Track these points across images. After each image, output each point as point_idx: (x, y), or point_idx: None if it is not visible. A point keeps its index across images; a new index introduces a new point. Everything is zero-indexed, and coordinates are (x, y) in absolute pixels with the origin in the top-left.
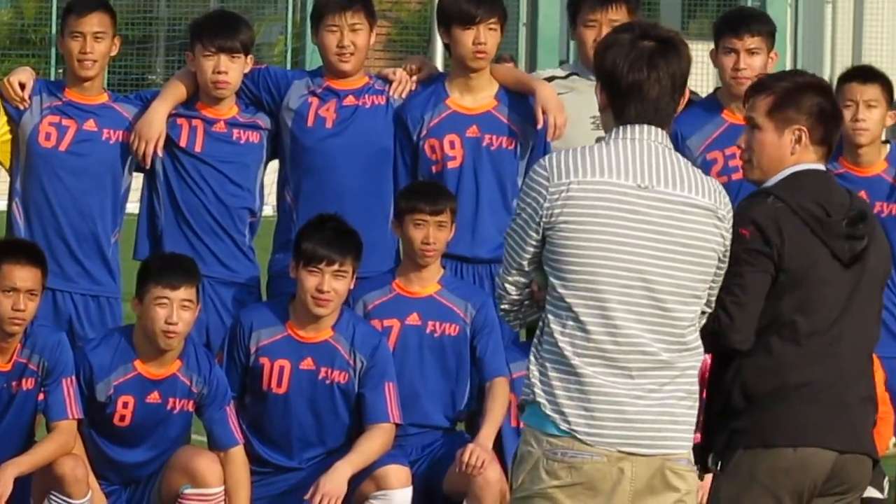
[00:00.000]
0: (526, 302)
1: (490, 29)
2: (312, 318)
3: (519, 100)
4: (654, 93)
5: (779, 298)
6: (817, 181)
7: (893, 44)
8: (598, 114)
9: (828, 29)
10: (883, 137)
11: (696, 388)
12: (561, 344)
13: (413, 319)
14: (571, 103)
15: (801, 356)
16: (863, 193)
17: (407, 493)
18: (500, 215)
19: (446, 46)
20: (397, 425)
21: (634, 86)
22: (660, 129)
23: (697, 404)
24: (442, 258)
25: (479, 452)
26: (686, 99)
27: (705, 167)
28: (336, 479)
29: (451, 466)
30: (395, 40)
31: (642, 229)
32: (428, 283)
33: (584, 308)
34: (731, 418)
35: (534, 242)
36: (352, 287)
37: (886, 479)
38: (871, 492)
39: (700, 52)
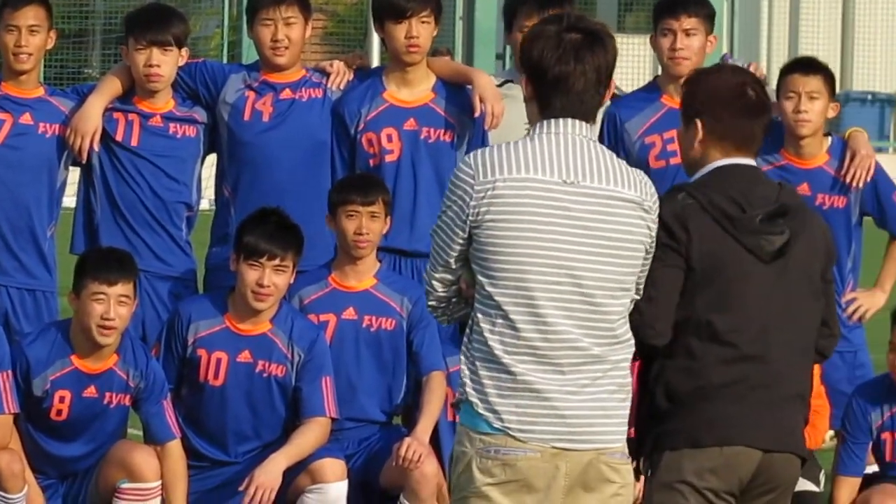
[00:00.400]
0: (454, 299)
1: (423, 22)
2: (251, 311)
3: (456, 91)
4: (579, 86)
5: (693, 297)
6: (740, 176)
7: (829, 34)
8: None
9: (764, 19)
10: (824, 130)
11: (629, 380)
12: (491, 342)
13: (349, 314)
14: (507, 111)
15: (723, 355)
16: (805, 186)
17: (342, 486)
18: (438, 209)
19: (382, 40)
20: (333, 419)
21: (560, 78)
22: (584, 123)
23: (630, 396)
24: (380, 252)
25: (415, 446)
26: (611, 92)
27: (644, 151)
28: (271, 471)
29: (387, 460)
30: (331, 33)
31: (568, 225)
32: (364, 276)
33: (513, 306)
34: (656, 421)
35: (460, 241)
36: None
37: (822, 472)
38: (806, 485)
39: (637, 45)
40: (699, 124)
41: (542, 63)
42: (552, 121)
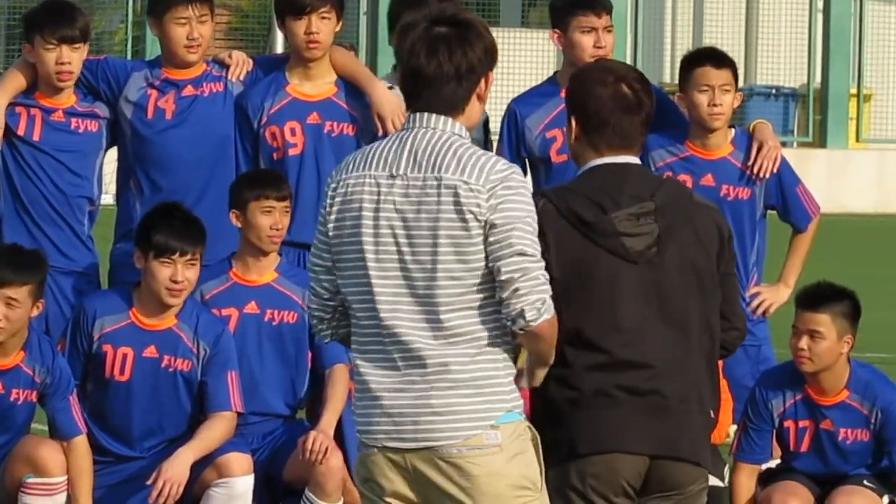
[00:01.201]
0: (340, 309)
1: (323, 18)
2: (158, 307)
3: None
4: (437, 80)
5: (564, 305)
6: (610, 176)
7: (734, 27)
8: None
9: (668, 11)
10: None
11: (480, 374)
12: (352, 342)
13: (251, 308)
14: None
15: (594, 361)
16: (709, 177)
17: (248, 480)
18: None
19: (285, 36)
20: (239, 414)
21: (417, 71)
22: (441, 116)
23: (481, 392)
24: (283, 247)
25: (321, 439)
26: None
27: (545, 145)
28: (178, 465)
29: (292, 454)
30: (235, 28)
31: (393, 218)
32: (265, 271)
33: (358, 304)
34: (541, 431)
35: (321, 244)
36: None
37: (727, 466)
38: (711, 480)
39: (541, 40)
40: (573, 123)
41: (404, 56)
42: (411, 115)
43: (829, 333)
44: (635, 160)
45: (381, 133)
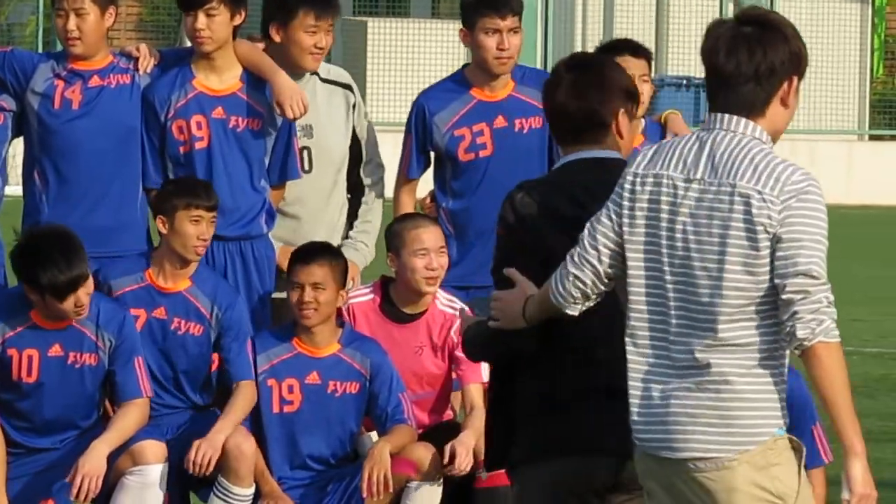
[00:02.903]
0: (597, 295)
1: (210, 14)
2: (60, 312)
3: (264, 79)
4: (734, 80)
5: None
6: (586, 170)
7: (644, 17)
8: None
9: (579, 4)
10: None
11: (756, 387)
12: (627, 341)
13: (159, 313)
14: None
15: (572, 361)
16: None
17: (162, 468)
18: (248, 195)
19: None
20: (150, 397)
21: (715, 71)
22: (741, 118)
23: (756, 406)
24: None
25: (204, 449)
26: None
27: (453, 143)
28: (94, 459)
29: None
30: (145, 21)
31: (687, 223)
32: (180, 279)
33: (641, 304)
34: (511, 432)
35: (614, 230)
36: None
37: None
38: None
39: (451, 31)
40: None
41: (705, 54)
42: (710, 115)
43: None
44: (605, 153)
45: (283, 118)
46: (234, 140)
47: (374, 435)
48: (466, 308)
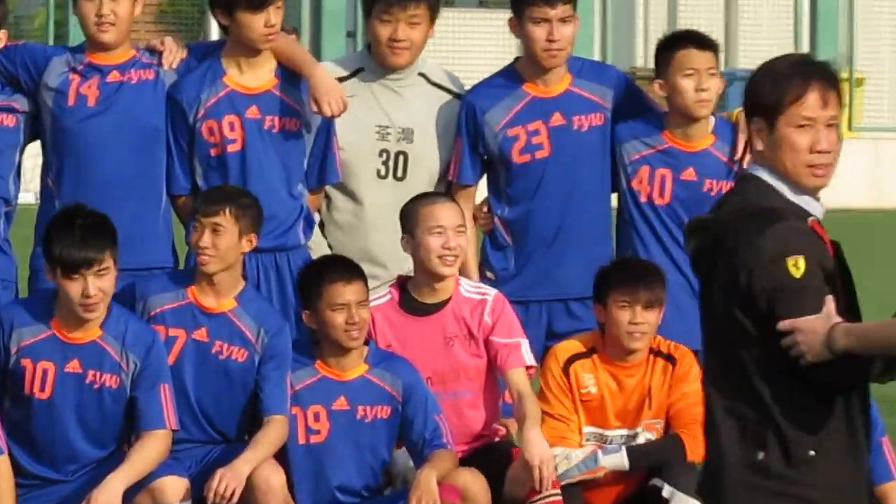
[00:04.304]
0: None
1: (278, 8)
2: (80, 319)
3: (300, 75)
4: None
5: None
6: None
7: (712, 6)
8: (385, 123)
9: None
10: None
11: None
12: None
13: (200, 335)
14: (355, 108)
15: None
16: (691, 171)
17: None
18: (284, 202)
19: (219, 23)
20: (174, 430)
21: None
22: None
23: None
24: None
25: (227, 479)
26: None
27: (507, 144)
28: (108, 493)
29: None
30: (166, 11)
31: None
32: (224, 296)
33: None
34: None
35: None
36: (117, 279)
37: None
38: (688, 502)
39: (500, 22)
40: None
41: None
42: None
43: None
44: None
45: (320, 116)
46: (269, 142)
47: (404, 451)
48: (502, 297)
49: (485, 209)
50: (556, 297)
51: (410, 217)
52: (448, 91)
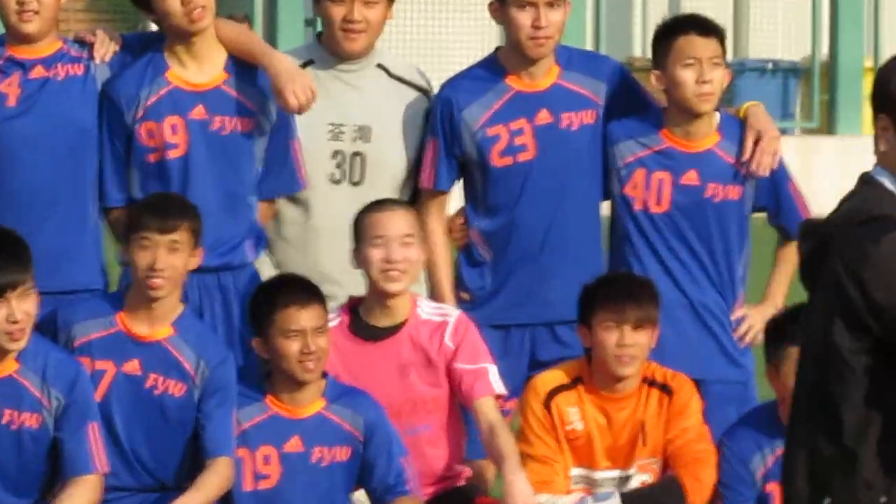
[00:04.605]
0: None
1: None
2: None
3: (253, 68)
4: None
5: None
6: None
7: None
8: (338, 120)
9: None
10: None
11: None
12: None
13: (132, 367)
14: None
15: None
16: (692, 174)
17: None
18: (237, 212)
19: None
20: (105, 475)
21: None
22: None
23: None
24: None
25: None
26: None
27: (486, 145)
28: None
29: None
30: None
31: None
32: (158, 323)
33: None
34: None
35: None
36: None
37: None
38: None
39: (480, 4)
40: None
41: None
42: None
43: None
44: None
45: (284, 110)
46: (217, 146)
47: (361, 494)
48: (466, 319)
49: (459, 220)
50: (540, 321)
51: (357, 227)
52: (411, 85)
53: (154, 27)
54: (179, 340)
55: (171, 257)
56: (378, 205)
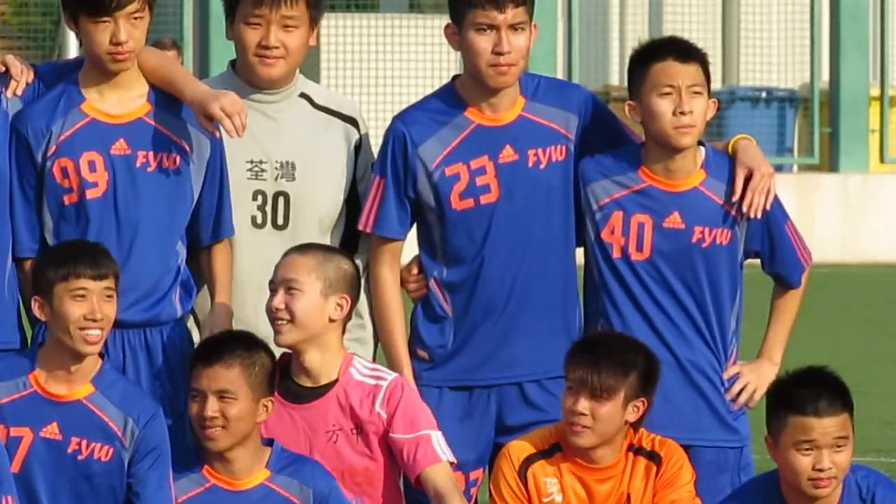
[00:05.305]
0: None
1: (135, 19)
2: None
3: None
4: None
5: None
6: None
7: (706, 12)
8: (258, 157)
9: None
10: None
11: None
12: None
13: (51, 432)
14: (224, 140)
15: None
16: (676, 216)
17: None
18: (165, 259)
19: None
20: None
21: None
22: None
23: None
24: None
25: None
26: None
27: (444, 185)
28: None
29: None
30: (9, 23)
31: None
32: (78, 382)
33: None
34: None
35: None
36: None
37: None
38: None
39: (437, 30)
40: None
41: None
42: None
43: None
44: None
45: (217, 135)
46: (143, 184)
47: None
48: (407, 382)
49: (415, 271)
50: (508, 381)
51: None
52: (338, 115)
53: (73, 54)
54: (101, 398)
55: (106, 305)
56: (293, 250)
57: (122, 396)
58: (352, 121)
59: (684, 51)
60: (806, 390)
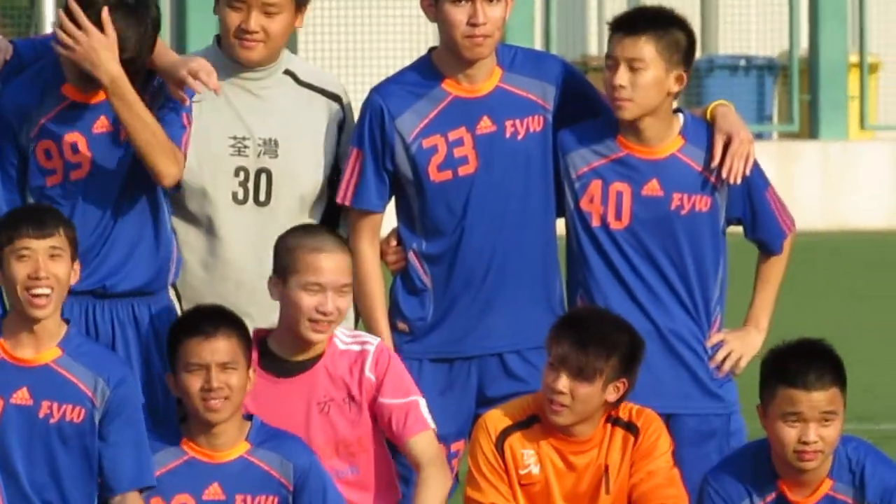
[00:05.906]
0: None
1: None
2: None
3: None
4: None
5: None
6: None
7: None
8: (241, 134)
9: None
10: (675, 105)
11: None
12: None
13: (21, 397)
14: (204, 116)
15: None
16: (654, 183)
17: None
18: (145, 238)
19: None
20: None
21: None
22: None
23: None
24: (70, 298)
25: None
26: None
27: (422, 158)
28: None
29: None
30: None
31: None
32: (44, 345)
33: None
34: None
35: None
36: None
37: None
38: None
39: (413, 0)
40: None
41: None
42: None
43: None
44: None
45: (188, 103)
46: (126, 163)
47: None
48: (386, 348)
49: (393, 243)
50: (488, 352)
51: (286, 257)
52: (322, 92)
53: (48, 29)
54: (69, 360)
55: (52, 264)
56: (315, 238)
57: (90, 358)
58: (336, 97)
59: (632, 23)
60: (798, 362)
